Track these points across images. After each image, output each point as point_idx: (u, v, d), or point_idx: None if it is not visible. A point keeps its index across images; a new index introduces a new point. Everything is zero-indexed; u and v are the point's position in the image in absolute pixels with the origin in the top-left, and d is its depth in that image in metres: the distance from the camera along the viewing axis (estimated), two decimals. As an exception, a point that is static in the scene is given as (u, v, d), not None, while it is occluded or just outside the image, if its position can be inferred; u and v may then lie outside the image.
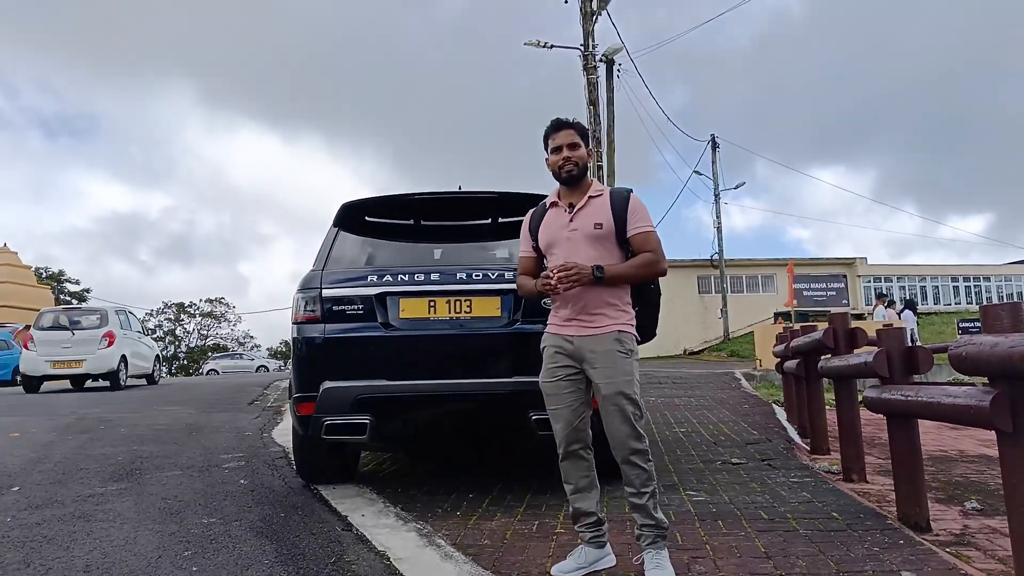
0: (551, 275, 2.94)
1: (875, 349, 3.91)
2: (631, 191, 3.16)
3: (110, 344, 14.49)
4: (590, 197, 3.10)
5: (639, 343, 3.14)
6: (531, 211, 3.31)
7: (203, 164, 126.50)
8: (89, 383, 15.42)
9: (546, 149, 3.17)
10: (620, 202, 3.08)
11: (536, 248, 3.22)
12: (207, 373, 36.68)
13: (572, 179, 3.11)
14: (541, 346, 3.17)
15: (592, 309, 3.01)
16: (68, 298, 54.16)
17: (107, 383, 14.70)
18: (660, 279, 3.24)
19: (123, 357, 14.83)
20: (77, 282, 57.24)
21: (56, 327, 14.66)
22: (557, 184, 3.19)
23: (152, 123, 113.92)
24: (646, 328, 3.24)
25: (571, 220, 3.07)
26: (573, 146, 3.10)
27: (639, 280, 3.11)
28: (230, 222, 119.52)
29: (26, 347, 14.68)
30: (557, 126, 3.15)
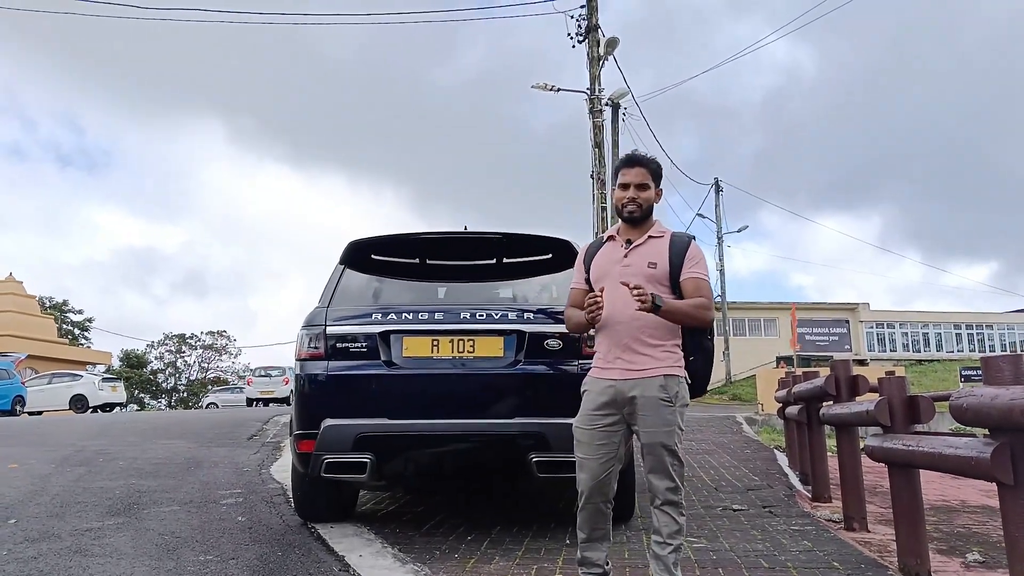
0: (598, 296, 2.87)
1: (877, 397, 3.91)
2: (693, 238, 3.11)
3: (286, 383, 27.44)
4: (650, 236, 3.05)
5: (691, 392, 3.04)
6: (588, 243, 3.28)
7: (225, 202, 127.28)
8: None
9: (613, 181, 3.11)
10: (679, 246, 3.03)
11: (588, 280, 3.14)
12: (207, 406, 36.52)
13: (633, 220, 3.06)
14: (582, 389, 3.08)
15: (636, 348, 2.93)
16: (71, 328, 54.21)
17: (284, 403, 25.90)
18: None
19: (292, 390, 27.54)
20: (80, 312, 57.35)
21: (262, 376, 30.54)
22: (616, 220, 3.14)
23: (178, 160, 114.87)
24: (700, 379, 3.10)
25: (626, 256, 3.03)
26: (642, 186, 3.02)
27: (690, 322, 2.99)
28: (245, 259, 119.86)
29: (249, 384, 30.85)
30: (630, 162, 3.08)
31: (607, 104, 19.52)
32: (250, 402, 29.86)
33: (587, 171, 19.26)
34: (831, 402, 5.17)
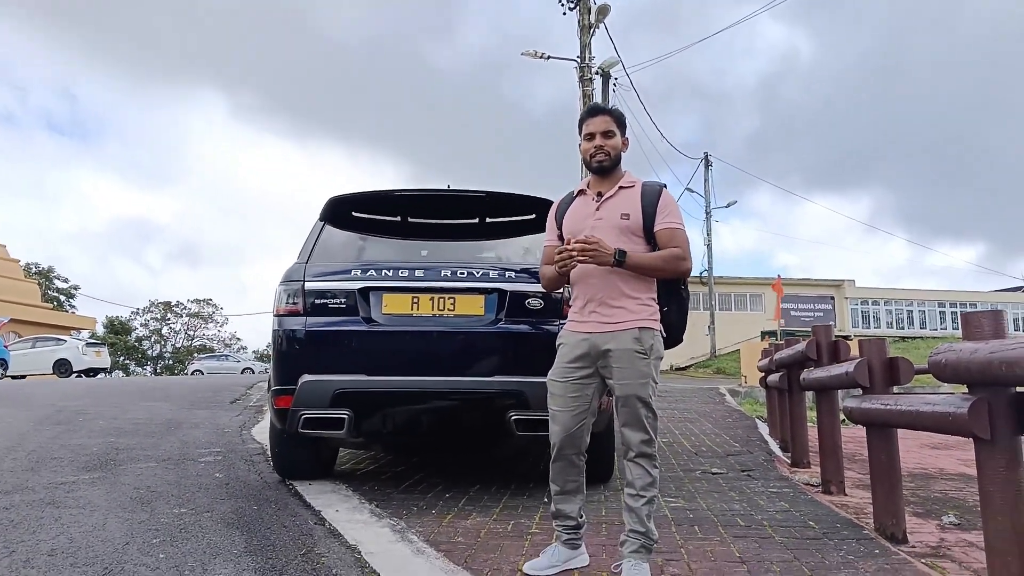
0: (568, 248, 2.81)
1: (857, 359, 3.90)
2: (664, 186, 3.05)
3: None
4: (620, 187, 2.99)
5: (666, 344, 3.02)
6: (559, 199, 3.22)
7: (223, 174, 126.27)
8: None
9: (580, 134, 3.07)
10: (651, 196, 2.97)
11: (561, 237, 3.09)
12: (192, 373, 36.48)
13: (603, 169, 3.00)
14: (557, 343, 3.05)
15: (611, 302, 2.89)
16: (56, 295, 53.84)
17: None
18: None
19: None
20: (66, 280, 56.99)
21: None
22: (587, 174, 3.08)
23: (177, 131, 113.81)
24: (675, 329, 3.06)
25: (598, 209, 2.98)
26: (607, 134, 2.98)
27: (661, 274, 2.95)
28: (241, 231, 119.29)
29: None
30: (593, 111, 3.04)
31: (597, 73, 19.36)
32: None
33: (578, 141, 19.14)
34: (812, 367, 5.17)
